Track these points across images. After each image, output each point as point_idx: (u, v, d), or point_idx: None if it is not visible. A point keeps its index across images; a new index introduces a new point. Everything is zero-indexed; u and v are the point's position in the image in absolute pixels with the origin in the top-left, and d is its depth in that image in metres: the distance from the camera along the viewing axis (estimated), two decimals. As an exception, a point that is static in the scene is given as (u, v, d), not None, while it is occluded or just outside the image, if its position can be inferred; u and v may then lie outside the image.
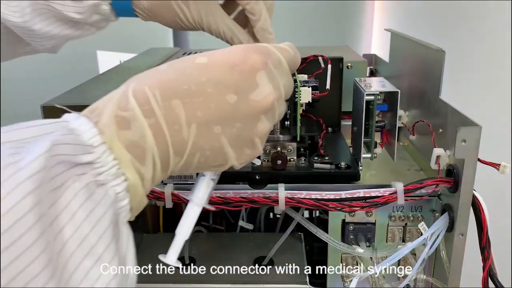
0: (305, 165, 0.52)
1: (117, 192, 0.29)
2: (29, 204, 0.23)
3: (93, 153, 0.28)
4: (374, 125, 0.50)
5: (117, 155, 0.29)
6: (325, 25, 1.61)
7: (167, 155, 0.31)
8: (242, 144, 0.34)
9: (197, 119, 0.31)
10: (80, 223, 0.26)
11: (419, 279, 0.50)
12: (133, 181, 0.30)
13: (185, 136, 0.31)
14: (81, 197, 0.26)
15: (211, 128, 0.32)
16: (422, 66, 0.55)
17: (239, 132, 0.33)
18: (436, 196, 0.48)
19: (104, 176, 0.28)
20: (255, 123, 0.34)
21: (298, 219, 0.49)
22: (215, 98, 0.32)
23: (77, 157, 0.27)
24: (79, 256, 0.26)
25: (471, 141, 0.42)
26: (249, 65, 0.33)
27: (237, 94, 0.32)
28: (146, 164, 0.30)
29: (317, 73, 0.57)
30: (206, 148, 0.32)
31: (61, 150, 0.26)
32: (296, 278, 0.48)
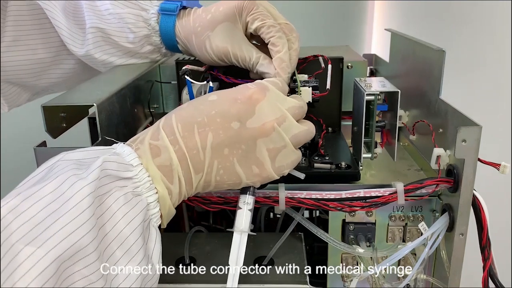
0: (305, 165, 0.52)
1: (149, 201, 0.37)
2: (87, 203, 0.32)
3: (132, 170, 0.37)
4: (374, 125, 0.50)
5: (151, 174, 0.38)
6: (326, 25, 1.61)
7: (189, 173, 0.40)
8: (249, 163, 0.41)
9: (209, 144, 0.40)
10: (117, 221, 0.34)
11: (419, 279, 0.50)
12: (162, 193, 0.38)
13: (202, 157, 0.40)
14: (120, 202, 0.35)
15: (221, 151, 0.40)
16: (422, 66, 0.55)
17: (245, 153, 0.41)
18: (436, 196, 0.48)
19: (140, 188, 0.37)
20: (255, 145, 0.41)
21: (298, 219, 0.49)
22: (222, 126, 0.40)
23: (120, 173, 0.36)
24: (114, 246, 0.34)
25: (471, 141, 0.42)
26: (248, 97, 0.41)
27: (240, 121, 0.40)
28: (173, 181, 0.39)
29: (317, 73, 0.57)
30: (219, 167, 0.40)
31: (109, 166, 0.35)
32: (296, 278, 0.48)
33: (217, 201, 0.47)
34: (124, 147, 0.39)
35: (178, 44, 0.60)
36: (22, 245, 0.28)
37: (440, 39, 1.12)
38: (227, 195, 0.47)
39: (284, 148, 0.42)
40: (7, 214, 0.29)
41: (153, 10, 0.59)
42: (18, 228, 0.29)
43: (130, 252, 0.35)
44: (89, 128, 0.50)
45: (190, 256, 0.51)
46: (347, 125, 0.62)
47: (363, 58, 0.71)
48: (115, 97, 0.49)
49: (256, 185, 0.43)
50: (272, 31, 0.53)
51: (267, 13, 0.54)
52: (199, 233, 0.55)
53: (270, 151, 0.41)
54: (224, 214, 0.62)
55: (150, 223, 0.38)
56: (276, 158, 0.42)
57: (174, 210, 0.41)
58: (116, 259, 0.34)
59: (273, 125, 0.41)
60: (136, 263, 0.35)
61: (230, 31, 0.54)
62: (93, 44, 0.60)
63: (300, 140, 0.44)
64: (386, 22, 1.68)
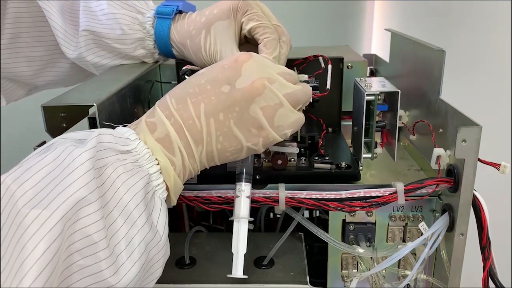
0: (306, 165, 0.52)
1: (151, 172, 0.38)
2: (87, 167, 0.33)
3: (130, 144, 0.38)
4: (374, 125, 0.50)
5: (150, 146, 0.39)
6: (325, 25, 1.61)
7: (189, 145, 0.40)
8: (246, 125, 0.41)
9: (203, 111, 0.40)
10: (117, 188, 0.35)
11: (419, 279, 0.50)
12: (164, 163, 0.39)
13: (198, 126, 0.40)
14: (119, 172, 0.35)
15: (217, 116, 0.40)
16: (422, 66, 0.55)
17: (240, 115, 0.40)
18: (436, 196, 0.48)
19: (140, 160, 0.38)
20: (249, 104, 0.40)
21: (298, 219, 0.49)
22: (213, 92, 0.41)
23: (118, 146, 0.37)
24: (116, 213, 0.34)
25: (471, 141, 0.42)
26: (234, 60, 0.42)
27: (229, 84, 0.41)
28: (174, 153, 0.39)
29: (318, 73, 0.57)
30: (218, 134, 0.40)
31: (106, 138, 0.36)
32: (296, 278, 0.48)
33: (217, 201, 0.47)
34: (121, 128, 0.40)
35: (173, 48, 0.60)
36: (28, 209, 0.29)
37: (440, 39, 1.12)
38: (227, 195, 0.47)
39: (280, 107, 0.41)
40: (11, 184, 0.30)
41: (149, 14, 0.59)
42: (23, 195, 0.30)
43: (131, 218, 0.35)
44: (89, 128, 0.50)
45: (190, 256, 0.51)
46: (347, 125, 0.62)
47: (363, 58, 0.71)
48: (115, 97, 0.49)
49: (259, 148, 0.42)
50: (267, 32, 0.53)
51: (262, 13, 0.54)
52: (199, 233, 0.55)
53: (265, 110, 0.41)
54: (224, 214, 0.62)
55: (155, 194, 0.38)
56: (274, 118, 0.41)
57: (181, 184, 0.41)
58: (117, 226, 0.34)
59: (263, 82, 0.41)
60: (137, 228, 0.35)
61: (223, 31, 0.55)
62: (85, 46, 0.60)
63: (298, 99, 0.43)
64: (386, 22, 1.68)
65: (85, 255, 0.32)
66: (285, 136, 0.43)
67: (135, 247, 0.35)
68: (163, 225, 0.38)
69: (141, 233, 0.36)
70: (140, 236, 0.35)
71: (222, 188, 0.48)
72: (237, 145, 0.41)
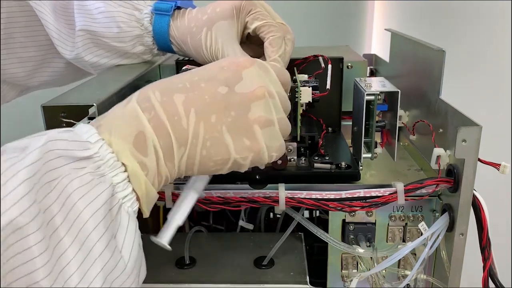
0: (305, 165, 0.52)
1: (115, 182, 0.32)
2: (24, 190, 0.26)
3: (91, 148, 0.31)
4: (374, 125, 0.50)
5: (116, 148, 0.32)
6: (325, 25, 1.61)
7: (170, 144, 0.34)
8: (239, 132, 0.36)
9: (195, 109, 0.35)
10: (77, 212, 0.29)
11: (419, 279, 0.50)
12: (133, 168, 0.32)
13: (185, 124, 0.34)
14: (74, 186, 0.29)
15: (208, 117, 0.35)
16: (422, 66, 0.55)
17: (234, 121, 0.36)
18: (436, 196, 0.48)
19: (102, 168, 0.31)
20: (247, 111, 0.37)
21: (298, 219, 0.49)
22: (208, 91, 0.36)
23: (74, 152, 0.30)
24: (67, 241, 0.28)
25: (471, 141, 0.42)
26: (236, 63, 0.38)
27: (228, 86, 0.37)
28: (147, 153, 0.33)
29: (317, 73, 0.57)
30: (206, 138, 0.35)
31: (57, 145, 0.29)
32: (296, 278, 0.48)
33: (217, 201, 0.47)
34: (81, 126, 0.33)
35: (172, 45, 0.60)
36: None
37: (440, 39, 1.11)
38: (227, 195, 0.47)
39: (273, 125, 0.38)
40: None
41: (146, 10, 0.59)
42: None
43: (87, 245, 0.29)
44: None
45: (190, 256, 0.51)
46: (347, 125, 0.62)
47: (363, 58, 0.71)
48: (115, 97, 0.49)
49: (246, 165, 0.38)
50: (272, 31, 0.53)
51: (266, 12, 0.54)
52: (199, 233, 0.55)
53: (261, 122, 0.37)
54: (224, 214, 0.62)
55: (122, 208, 0.32)
56: (266, 133, 0.37)
57: (154, 192, 0.34)
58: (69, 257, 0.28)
59: (264, 92, 0.37)
60: (93, 257, 0.29)
61: (225, 31, 0.54)
62: (83, 47, 0.59)
63: (284, 129, 0.40)
64: (386, 22, 1.68)
65: None
66: (271, 159, 0.39)
67: (91, 280, 0.29)
68: (130, 247, 0.32)
69: (99, 262, 0.29)
70: (98, 267, 0.29)
71: (222, 188, 0.48)
72: (225, 155, 0.36)
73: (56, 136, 0.30)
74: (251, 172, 0.50)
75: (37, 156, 0.28)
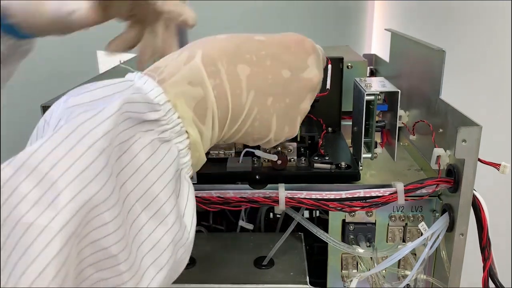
0: (305, 165, 0.52)
1: (180, 148, 0.31)
2: (103, 162, 0.25)
3: (159, 110, 0.30)
4: (374, 125, 0.50)
5: (181, 113, 0.31)
6: (325, 25, 1.61)
7: (226, 117, 0.33)
8: (285, 120, 0.37)
9: (256, 87, 0.34)
10: (144, 176, 0.28)
11: (419, 279, 0.50)
12: (195, 138, 0.32)
13: (243, 101, 0.34)
14: (146, 152, 0.28)
15: (265, 98, 0.35)
16: (422, 66, 0.55)
17: (287, 108, 0.36)
18: (436, 196, 0.48)
19: (169, 133, 0.30)
20: (301, 100, 0.37)
21: (298, 219, 0.49)
22: (272, 71, 0.35)
23: (145, 115, 0.29)
24: (139, 208, 0.28)
25: (471, 141, 0.42)
26: (303, 48, 0.37)
27: (291, 71, 0.36)
28: (206, 123, 0.32)
29: (317, 73, 0.57)
30: (257, 118, 0.35)
31: (132, 108, 0.28)
32: (296, 278, 0.48)
33: (217, 201, 0.47)
34: (145, 79, 0.31)
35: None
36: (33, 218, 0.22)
37: (440, 39, 1.11)
38: (227, 195, 0.47)
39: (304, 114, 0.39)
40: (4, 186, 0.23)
41: None
42: (24, 197, 0.23)
43: (159, 214, 0.28)
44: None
45: (190, 256, 0.51)
46: (347, 125, 0.62)
47: (363, 58, 0.71)
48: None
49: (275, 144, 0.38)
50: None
51: None
52: (199, 234, 0.55)
53: (305, 113, 0.38)
54: (224, 214, 0.62)
55: (181, 174, 0.31)
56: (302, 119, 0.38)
57: (205, 158, 0.34)
58: (141, 222, 0.28)
59: (319, 82, 0.37)
60: (167, 226, 0.29)
61: None
62: None
63: None
64: (386, 22, 1.68)
65: (102, 268, 0.26)
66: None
67: (163, 250, 0.29)
68: (191, 217, 0.32)
69: (171, 233, 0.29)
70: (169, 236, 0.29)
71: (222, 188, 0.48)
72: (265, 136, 0.37)
73: (132, 98, 0.28)
74: (251, 172, 0.50)
75: (113, 123, 0.26)
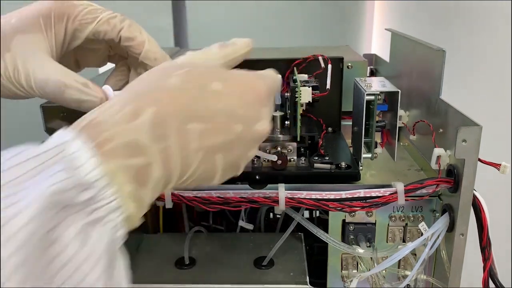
0: (305, 165, 0.52)
1: (115, 224, 0.27)
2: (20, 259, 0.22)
3: (93, 189, 0.26)
4: (374, 125, 0.50)
5: (118, 187, 0.27)
6: (325, 25, 1.61)
7: (171, 178, 0.30)
8: (232, 168, 0.35)
9: (205, 147, 0.31)
10: (75, 269, 0.24)
11: (419, 279, 0.50)
12: (132, 211, 0.28)
13: (191, 161, 0.31)
14: (76, 241, 0.24)
15: (214, 156, 0.32)
16: (423, 66, 0.55)
17: (235, 159, 0.34)
18: (436, 196, 0.48)
19: (102, 211, 0.26)
20: (249, 150, 0.35)
21: (298, 219, 0.49)
22: (225, 127, 0.32)
23: (75, 198, 0.25)
24: None
25: (471, 141, 0.42)
26: (259, 99, 0.35)
27: (243, 125, 0.33)
28: (147, 187, 0.29)
29: (317, 73, 0.57)
30: (202, 172, 0.32)
31: (60, 197, 0.24)
32: (296, 278, 0.48)
33: (217, 201, 0.47)
34: (79, 144, 0.26)
35: None
36: None
37: (440, 39, 1.11)
38: (227, 195, 0.47)
39: None
40: None
41: None
42: None
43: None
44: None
45: (190, 256, 0.51)
46: (347, 125, 0.62)
47: (363, 58, 0.71)
48: (115, 97, 0.49)
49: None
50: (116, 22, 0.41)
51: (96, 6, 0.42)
52: (199, 234, 0.55)
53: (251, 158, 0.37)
54: (224, 214, 0.62)
55: (115, 250, 0.28)
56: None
57: (139, 223, 0.30)
58: None
59: (268, 132, 0.36)
60: None
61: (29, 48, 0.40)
62: None
63: None
64: (386, 22, 1.68)
65: None
66: None
67: None
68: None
69: None
70: None
71: (222, 188, 0.48)
72: (208, 182, 0.34)
73: (58, 189, 0.24)
74: (251, 172, 0.50)
75: (37, 214, 0.23)
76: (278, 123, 0.53)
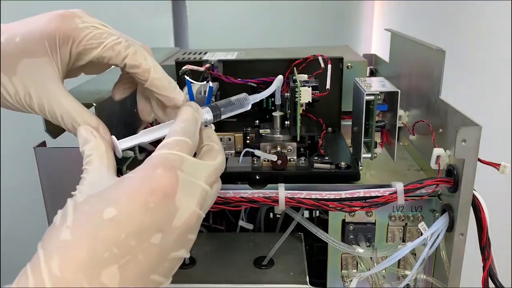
0: (305, 165, 0.52)
1: None
2: None
3: None
4: (374, 125, 0.50)
5: None
6: (325, 25, 1.61)
7: None
8: (168, 273, 0.32)
9: (131, 277, 0.29)
10: None
11: (419, 279, 0.50)
12: None
13: None
14: None
15: (144, 278, 0.30)
16: (422, 66, 0.55)
17: (171, 265, 0.32)
18: (436, 196, 0.48)
19: None
20: (181, 247, 0.32)
21: (298, 219, 0.49)
22: (141, 249, 0.29)
23: None
24: None
25: (471, 141, 0.42)
26: (162, 194, 0.31)
27: (160, 231, 0.31)
28: None
29: (317, 73, 0.57)
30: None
31: None
32: (296, 278, 0.48)
33: (217, 201, 0.47)
34: None
35: None
36: None
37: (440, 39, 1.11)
38: (227, 195, 0.47)
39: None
40: None
41: None
42: None
43: None
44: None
45: (190, 256, 0.51)
46: (347, 125, 0.62)
47: (363, 58, 0.71)
48: (115, 97, 0.49)
49: None
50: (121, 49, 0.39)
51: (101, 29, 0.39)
52: (199, 233, 0.55)
53: (187, 252, 0.34)
54: (224, 214, 0.62)
55: None
56: None
57: None
58: None
59: (197, 216, 0.33)
60: None
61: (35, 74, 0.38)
62: None
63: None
64: (386, 22, 1.68)
65: None
66: None
67: None
68: None
69: None
70: None
71: (222, 188, 0.47)
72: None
73: None
74: (251, 172, 0.50)
75: None
76: (278, 123, 0.53)
